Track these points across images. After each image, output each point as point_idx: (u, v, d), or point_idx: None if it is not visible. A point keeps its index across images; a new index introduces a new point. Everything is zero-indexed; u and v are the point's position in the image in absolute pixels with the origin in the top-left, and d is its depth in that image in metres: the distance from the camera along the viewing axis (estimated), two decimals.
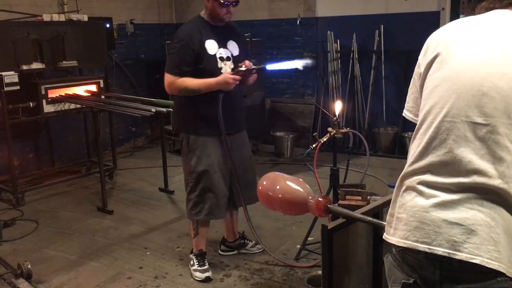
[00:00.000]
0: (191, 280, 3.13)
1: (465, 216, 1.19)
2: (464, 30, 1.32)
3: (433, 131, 1.26)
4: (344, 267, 1.85)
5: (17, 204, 4.52)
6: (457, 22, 1.36)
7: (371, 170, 4.78)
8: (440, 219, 1.22)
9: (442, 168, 1.24)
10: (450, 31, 1.34)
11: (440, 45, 1.31)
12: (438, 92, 1.27)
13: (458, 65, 1.26)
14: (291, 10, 6.35)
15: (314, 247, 3.41)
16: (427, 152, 1.27)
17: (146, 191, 4.93)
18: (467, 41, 1.27)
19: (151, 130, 7.06)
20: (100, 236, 3.87)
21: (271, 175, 2.05)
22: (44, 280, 3.17)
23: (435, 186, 1.25)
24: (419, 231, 1.25)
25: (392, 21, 5.70)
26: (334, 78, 6.11)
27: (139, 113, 4.07)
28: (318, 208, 1.80)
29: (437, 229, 1.22)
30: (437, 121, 1.26)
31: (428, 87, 1.31)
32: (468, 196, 1.20)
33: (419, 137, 1.31)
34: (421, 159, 1.28)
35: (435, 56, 1.30)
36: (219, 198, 3.04)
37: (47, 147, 5.60)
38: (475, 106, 1.20)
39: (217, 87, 2.89)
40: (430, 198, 1.25)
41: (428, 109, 1.29)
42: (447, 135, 1.23)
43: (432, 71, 1.31)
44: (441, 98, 1.26)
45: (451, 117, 1.23)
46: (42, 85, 4.70)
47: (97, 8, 6.01)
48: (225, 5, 2.90)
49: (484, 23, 1.30)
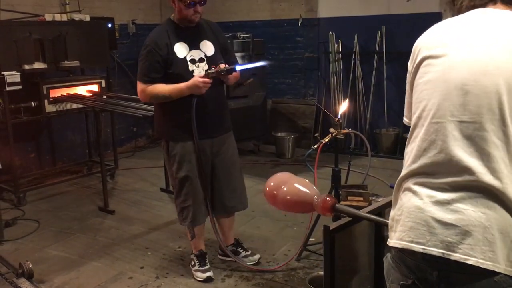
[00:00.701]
0: (192, 280, 3.13)
1: (460, 217, 1.20)
2: (446, 32, 1.33)
3: (423, 133, 1.28)
4: (346, 268, 1.85)
5: (19, 203, 4.53)
6: (439, 25, 1.37)
7: (372, 171, 4.77)
8: (435, 219, 1.23)
9: (435, 168, 1.25)
10: (433, 34, 1.35)
11: (424, 49, 1.33)
12: (426, 95, 1.29)
13: (443, 67, 1.27)
14: (292, 11, 6.36)
15: (315, 247, 3.41)
16: (420, 154, 1.29)
17: (147, 191, 4.94)
18: (450, 43, 1.29)
19: (152, 130, 7.05)
20: (101, 236, 3.88)
21: (278, 175, 2.05)
22: (46, 280, 3.18)
23: (430, 186, 1.26)
24: (414, 231, 1.26)
25: (393, 22, 5.70)
26: (335, 79, 6.11)
27: (140, 113, 4.07)
28: (324, 207, 1.79)
29: (431, 229, 1.23)
30: (426, 123, 1.28)
31: (416, 92, 1.34)
32: (462, 196, 1.21)
33: (413, 140, 1.33)
34: (416, 162, 1.30)
35: (420, 61, 1.33)
36: (199, 204, 3.03)
37: (48, 147, 5.60)
38: (460, 105, 1.22)
39: (189, 92, 2.81)
40: (425, 198, 1.26)
41: (419, 113, 1.31)
42: (436, 136, 1.25)
43: (418, 76, 1.33)
44: (429, 101, 1.28)
45: (438, 117, 1.25)
46: (44, 85, 4.71)
47: (99, 8, 6.02)
48: (191, 5, 2.81)
49: (465, 23, 1.31)
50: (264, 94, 6.09)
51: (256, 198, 4.12)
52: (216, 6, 6.71)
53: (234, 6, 6.82)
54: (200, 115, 2.88)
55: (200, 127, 2.89)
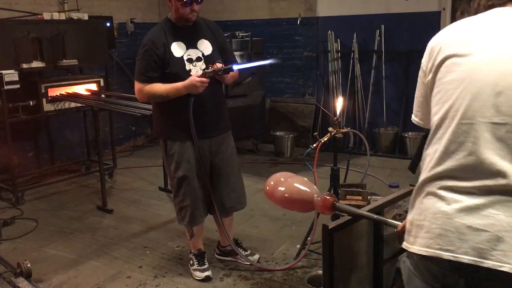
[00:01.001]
0: (191, 280, 3.13)
1: (491, 222, 1.16)
2: (468, 31, 1.29)
3: (450, 134, 1.23)
4: (345, 267, 1.85)
5: (17, 202, 4.52)
6: (458, 24, 1.33)
7: (371, 170, 4.77)
8: (465, 225, 1.18)
9: (463, 171, 1.21)
10: (454, 33, 1.32)
11: (446, 48, 1.28)
12: (452, 95, 1.24)
13: (470, 66, 1.23)
14: (291, 10, 6.35)
15: (314, 247, 3.41)
16: (446, 156, 1.23)
17: (146, 190, 4.93)
18: (475, 42, 1.25)
19: (151, 129, 7.04)
20: (99, 235, 3.87)
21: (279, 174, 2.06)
22: (44, 279, 3.17)
23: (457, 190, 1.21)
24: (443, 238, 1.21)
25: (392, 21, 5.69)
26: (334, 78, 6.10)
27: (139, 112, 4.06)
28: (324, 205, 1.79)
29: (462, 236, 1.18)
30: (453, 124, 1.23)
31: (440, 92, 1.28)
32: (492, 200, 1.17)
33: (436, 142, 1.28)
34: (441, 164, 1.24)
35: (442, 59, 1.28)
36: (198, 204, 3.02)
37: (47, 146, 5.59)
38: (492, 106, 1.18)
39: (186, 91, 2.79)
40: (452, 204, 1.21)
41: (444, 113, 1.26)
42: (466, 137, 1.20)
43: (441, 75, 1.28)
44: (456, 101, 1.23)
45: (468, 118, 1.20)
46: (42, 83, 4.70)
47: (98, 6, 6.01)
48: (187, 4, 2.78)
49: (487, 22, 1.28)
50: (263, 93, 6.08)
51: (255, 197, 4.12)
52: (214, 5, 6.70)
53: (233, 5, 6.81)
54: (198, 114, 2.86)
55: (198, 127, 2.87)
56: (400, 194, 2.13)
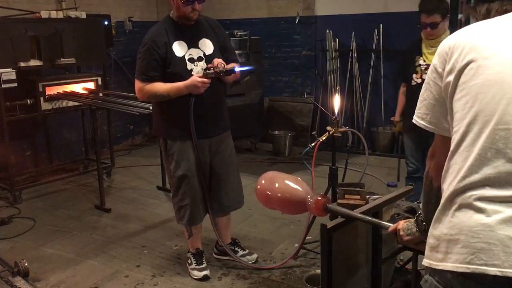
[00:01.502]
0: (189, 279, 3.12)
1: None
2: (491, 33, 1.24)
3: (485, 140, 1.17)
4: (343, 267, 1.85)
5: (14, 201, 4.51)
6: (477, 26, 1.28)
7: (369, 169, 4.78)
8: (509, 237, 1.12)
9: (502, 180, 1.15)
10: (475, 35, 1.25)
11: (469, 50, 1.23)
12: (482, 100, 1.18)
13: (500, 69, 1.18)
14: (290, 9, 6.35)
15: (312, 246, 3.41)
16: (482, 164, 1.17)
17: (144, 189, 4.92)
18: (501, 44, 1.20)
19: (149, 128, 7.04)
20: (97, 234, 3.86)
21: (269, 174, 2.04)
22: (41, 278, 3.16)
23: (496, 200, 1.15)
24: (486, 252, 1.14)
25: (391, 20, 5.69)
26: (333, 77, 6.10)
27: (137, 111, 4.06)
28: (317, 207, 1.79)
29: (507, 249, 1.12)
30: (488, 130, 1.17)
31: (466, 95, 1.21)
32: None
33: (466, 149, 1.20)
34: (475, 173, 1.18)
35: (466, 63, 1.22)
36: (197, 203, 3.01)
37: (44, 145, 5.58)
38: None
39: (187, 91, 2.78)
40: (493, 215, 1.14)
41: (472, 119, 1.19)
42: (504, 143, 1.15)
43: (466, 79, 1.22)
44: (487, 105, 1.17)
45: (505, 124, 1.15)
46: (39, 82, 4.69)
47: (95, 5, 5.99)
48: (189, 3, 2.74)
49: (508, 26, 1.23)
50: (261, 92, 6.08)
51: (252, 196, 4.08)
52: (213, 3, 6.69)
53: (231, 4, 6.80)
54: (198, 114, 2.85)
55: (198, 126, 2.87)
56: (398, 194, 2.12)
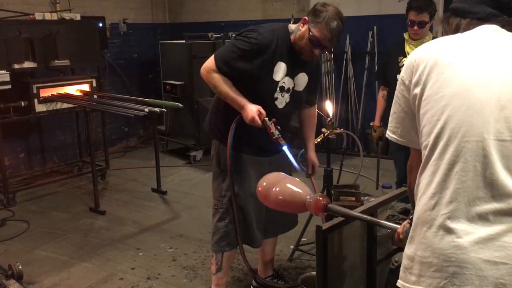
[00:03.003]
0: (184, 281, 3.12)
1: (509, 253, 1.07)
2: (456, 47, 1.22)
3: (452, 154, 1.13)
4: (338, 268, 1.85)
5: (8, 204, 4.48)
6: (444, 40, 1.27)
7: (364, 171, 4.78)
8: (482, 260, 1.08)
9: (471, 195, 1.10)
10: (440, 49, 1.24)
11: (434, 63, 1.21)
12: (448, 112, 1.15)
13: (466, 81, 1.16)
14: (284, 11, 6.36)
15: (308, 247, 3.41)
16: (450, 179, 1.13)
17: (138, 192, 4.91)
18: (465, 58, 1.19)
19: (143, 130, 7.03)
20: (92, 236, 3.84)
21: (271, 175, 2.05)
22: (35, 281, 3.14)
23: (466, 217, 1.10)
24: (459, 277, 1.09)
25: (385, 22, 5.72)
26: (327, 79, 6.12)
27: (132, 113, 4.05)
28: (317, 206, 1.79)
29: (479, 272, 1.08)
30: (455, 143, 1.13)
31: (432, 108, 1.19)
32: (506, 228, 1.08)
33: (433, 163, 1.17)
34: (444, 189, 1.13)
35: (431, 76, 1.20)
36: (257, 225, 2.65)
37: (38, 147, 5.55)
38: (496, 122, 1.10)
39: (241, 111, 2.39)
40: (464, 236, 1.10)
41: (439, 131, 1.16)
42: (471, 156, 1.11)
43: (431, 92, 1.20)
44: (453, 117, 1.14)
45: (472, 136, 1.11)
46: (34, 84, 4.66)
47: (90, 7, 5.98)
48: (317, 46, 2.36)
49: (478, 39, 1.22)
50: None
51: None
52: (207, 6, 6.70)
53: (226, 6, 6.81)
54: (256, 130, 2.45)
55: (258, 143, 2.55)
56: (393, 195, 2.13)
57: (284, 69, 2.44)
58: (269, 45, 2.38)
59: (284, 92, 2.49)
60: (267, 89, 2.44)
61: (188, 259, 3.41)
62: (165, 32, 7.24)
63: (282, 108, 2.52)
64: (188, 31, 6.06)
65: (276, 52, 2.39)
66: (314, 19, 2.34)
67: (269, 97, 2.45)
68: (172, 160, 5.90)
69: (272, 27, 2.46)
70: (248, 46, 2.37)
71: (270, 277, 2.95)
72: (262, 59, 2.38)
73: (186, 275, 3.20)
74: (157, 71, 6.69)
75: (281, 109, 2.52)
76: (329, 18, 2.32)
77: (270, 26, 2.47)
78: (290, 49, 2.43)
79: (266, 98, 2.44)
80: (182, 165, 5.73)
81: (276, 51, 2.39)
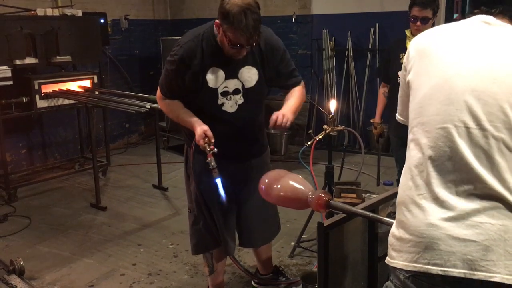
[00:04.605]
0: (185, 277, 3.12)
1: (478, 231, 1.13)
2: (447, 36, 1.30)
3: (429, 140, 1.21)
4: (340, 265, 1.85)
5: (10, 200, 4.49)
6: (439, 28, 1.35)
7: (365, 168, 4.78)
8: (451, 237, 1.15)
9: (443, 177, 1.18)
10: (433, 36, 1.32)
11: (422, 50, 1.30)
12: (427, 100, 1.24)
13: (446, 71, 1.23)
14: (286, 8, 6.34)
15: (308, 244, 3.41)
16: (425, 163, 1.21)
17: (140, 188, 4.91)
18: (452, 48, 1.26)
19: (145, 126, 7.03)
20: (93, 232, 3.85)
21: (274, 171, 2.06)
22: (37, 277, 3.15)
23: (439, 199, 1.18)
24: (430, 252, 1.17)
25: (387, 19, 5.70)
26: (329, 76, 6.11)
27: (133, 109, 4.05)
28: (319, 203, 1.79)
29: (449, 248, 1.15)
30: (431, 130, 1.21)
31: (415, 95, 1.29)
32: (476, 208, 1.15)
33: (414, 148, 1.26)
34: (420, 171, 1.22)
35: (419, 62, 1.29)
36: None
37: (40, 143, 5.56)
38: (469, 111, 1.18)
39: None
40: (437, 215, 1.18)
41: (419, 117, 1.25)
42: (443, 142, 1.19)
43: (415, 77, 1.29)
44: (430, 106, 1.23)
45: (445, 123, 1.20)
46: (35, 80, 4.67)
47: (91, 3, 5.97)
48: (235, 48, 2.18)
49: (466, 29, 1.29)
50: None
51: None
52: (209, 2, 6.68)
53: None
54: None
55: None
56: (394, 192, 2.13)
57: (221, 74, 2.30)
58: (193, 56, 2.26)
59: (231, 95, 2.34)
60: (206, 99, 2.32)
61: (189, 255, 3.40)
62: (167, 29, 7.24)
63: (236, 112, 2.36)
64: (190, 27, 5.99)
65: (203, 59, 2.26)
66: (223, 22, 2.13)
67: (212, 106, 2.33)
68: (173, 156, 5.91)
69: (196, 33, 2.32)
70: (174, 65, 2.30)
71: (270, 274, 2.93)
72: (192, 71, 2.26)
73: (187, 271, 3.21)
74: (158, 68, 6.69)
75: (236, 112, 2.36)
76: (236, 17, 2.07)
77: (193, 32, 2.34)
78: (219, 51, 2.26)
79: (210, 107, 2.33)
80: (183, 161, 5.72)
81: (203, 58, 2.26)
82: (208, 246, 2.59)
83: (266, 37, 2.40)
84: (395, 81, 3.39)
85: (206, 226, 2.51)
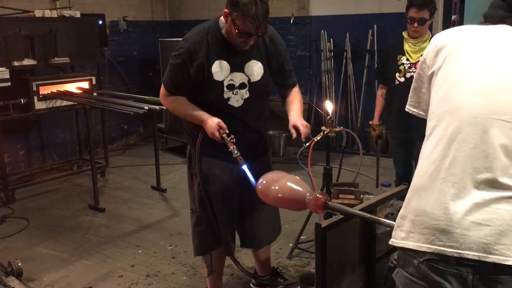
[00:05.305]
0: (184, 278, 3.12)
1: (493, 217, 1.17)
2: (475, 36, 1.36)
3: (457, 126, 1.25)
4: (337, 266, 1.85)
5: (8, 201, 4.48)
6: (466, 28, 1.40)
7: (363, 169, 4.79)
8: (468, 221, 1.19)
9: (467, 163, 1.21)
10: (461, 35, 1.38)
11: (452, 48, 1.35)
12: (456, 90, 1.28)
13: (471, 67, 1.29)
14: (284, 9, 6.35)
15: (307, 245, 3.42)
16: (451, 148, 1.24)
17: (138, 189, 4.91)
18: (480, 47, 1.32)
19: (143, 128, 7.04)
20: (91, 234, 3.85)
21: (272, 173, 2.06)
22: (35, 278, 3.15)
23: (460, 184, 1.22)
24: (446, 234, 1.21)
25: (385, 20, 5.71)
26: (327, 77, 6.12)
27: (132, 110, 4.05)
28: (316, 204, 1.80)
29: (465, 231, 1.18)
30: (459, 119, 1.25)
31: (443, 86, 1.33)
32: (494, 196, 1.19)
33: (438, 134, 1.29)
34: (444, 157, 1.25)
35: (447, 58, 1.34)
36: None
37: (38, 144, 5.55)
38: (498, 106, 1.22)
39: (203, 126, 2.33)
40: (456, 200, 1.21)
41: (447, 107, 1.29)
42: (473, 129, 1.22)
43: (443, 72, 1.34)
44: (460, 97, 1.27)
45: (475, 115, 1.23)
46: (33, 81, 4.67)
47: (90, 4, 5.97)
48: (243, 36, 2.20)
49: (495, 33, 1.35)
50: None
51: None
52: (207, 3, 6.69)
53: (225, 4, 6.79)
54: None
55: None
56: (392, 193, 2.13)
57: (226, 66, 2.31)
58: (198, 49, 2.28)
59: (237, 89, 2.35)
60: (212, 92, 2.32)
61: (187, 256, 3.41)
62: (165, 30, 7.24)
63: (242, 106, 2.38)
64: (188, 28, 5.98)
65: (209, 52, 2.28)
66: (232, 10, 2.18)
67: (218, 100, 2.34)
68: (172, 158, 5.91)
69: (201, 27, 2.35)
70: (179, 59, 2.30)
71: (268, 276, 2.92)
72: (196, 64, 2.27)
73: (186, 273, 3.21)
74: (156, 69, 6.69)
75: (241, 106, 2.38)
76: (246, 5, 2.12)
77: (198, 27, 2.37)
78: (225, 44, 2.29)
79: (215, 101, 2.34)
80: (181, 163, 5.72)
81: (208, 51, 2.28)
82: (210, 247, 2.59)
83: (270, 34, 2.42)
84: (393, 83, 3.40)
85: (209, 226, 2.51)
